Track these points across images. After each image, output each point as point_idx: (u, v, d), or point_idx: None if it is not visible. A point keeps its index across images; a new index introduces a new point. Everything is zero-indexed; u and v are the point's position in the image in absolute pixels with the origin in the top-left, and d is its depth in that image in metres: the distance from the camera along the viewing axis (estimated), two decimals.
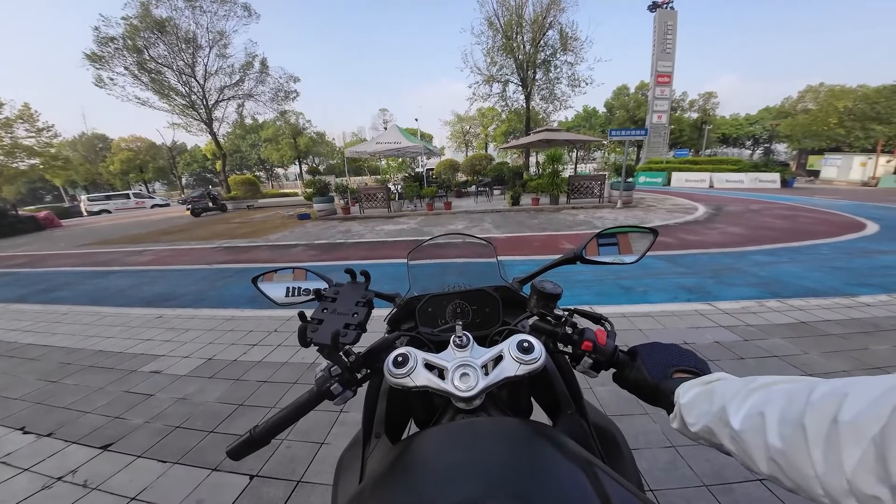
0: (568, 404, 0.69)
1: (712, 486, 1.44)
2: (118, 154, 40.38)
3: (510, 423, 0.49)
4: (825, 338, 2.63)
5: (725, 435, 0.37)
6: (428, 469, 0.42)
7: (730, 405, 0.37)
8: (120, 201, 28.63)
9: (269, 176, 50.12)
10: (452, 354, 0.57)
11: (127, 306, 4.31)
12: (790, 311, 3.12)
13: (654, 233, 0.82)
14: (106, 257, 8.07)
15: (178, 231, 12.03)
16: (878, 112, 22.84)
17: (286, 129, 38.75)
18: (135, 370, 2.71)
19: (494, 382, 0.52)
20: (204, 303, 4.25)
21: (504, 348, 0.55)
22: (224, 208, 18.25)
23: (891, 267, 4.50)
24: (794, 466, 0.28)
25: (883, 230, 6.90)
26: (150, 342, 3.20)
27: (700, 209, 10.53)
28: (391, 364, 0.54)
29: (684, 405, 0.44)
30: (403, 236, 8.22)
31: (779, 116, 35.62)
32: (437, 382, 0.52)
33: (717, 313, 3.09)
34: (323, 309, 0.66)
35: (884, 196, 13.75)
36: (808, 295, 3.53)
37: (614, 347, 0.60)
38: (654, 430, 1.77)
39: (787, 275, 4.27)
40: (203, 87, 21.39)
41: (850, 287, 3.76)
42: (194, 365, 2.72)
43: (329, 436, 1.87)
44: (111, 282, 5.80)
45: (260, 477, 1.63)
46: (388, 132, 14.60)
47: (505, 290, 0.86)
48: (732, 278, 4.20)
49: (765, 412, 0.32)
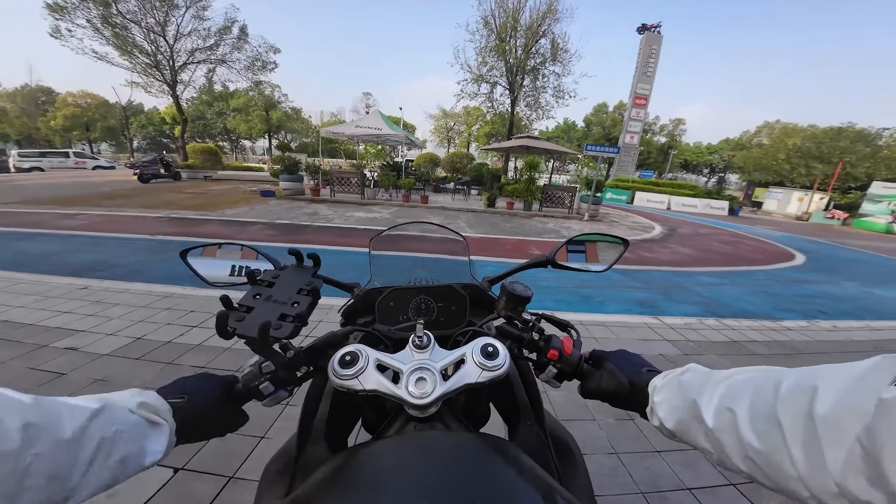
0: (527, 414, 0.66)
1: (648, 494, 1.50)
2: (63, 109, 36.03)
3: (465, 439, 0.46)
4: (752, 357, 2.88)
5: (700, 432, 0.35)
6: (368, 486, 0.37)
7: (700, 399, 0.35)
8: (57, 159, 25.40)
9: (234, 147, 46.98)
10: (410, 356, 0.51)
11: (47, 273, 3.80)
12: (725, 329, 3.38)
13: (625, 243, 0.81)
14: (30, 218, 7.10)
15: (121, 196, 10.88)
16: (821, 151, 25.59)
17: (259, 100, 36.39)
18: (46, 345, 2.38)
19: (453, 389, 0.48)
20: (139, 276, 3.84)
21: (467, 352, 0.51)
22: (178, 176, 16.76)
23: (811, 296, 5.05)
24: (773, 465, 0.27)
25: (808, 261, 7.75)
26: (70, 315, 2.84)
27: (657, 229, 11.25)
28: (337, 363, 0.48)
29: (657, 401, 0.42)
30: (375, 225, 8.00)
31: (736, 148, 38.97)
32: (388, 387, 0.47)
33: (664, 327, 3.28)
34: (255, 295, 0.57)
35: (813, 230, 15.50)
36: (742, 316, 3.86)
37: (580, 357, 0.58)
38: (600, 436, 1.83)
39: (726, 296, 4.65)
40: (171, 48, 19.45)
41: (777, 312, 4.16)
42: (120, 344, 2.44)
43: (271, 430, 1.76)
44: (32, 246, 5.10)
45: (186, 470, 1.48)
46: (370, 117, 14.14)
47: (474, 288, 0.82)
48: (679, 296, 4.50)
49: (734, 408, 0.31)
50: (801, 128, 28.92)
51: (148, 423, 0.38)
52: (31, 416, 0.28)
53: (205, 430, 0.48)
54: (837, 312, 4.31)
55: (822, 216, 21.32)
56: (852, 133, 25.35)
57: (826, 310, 4.40)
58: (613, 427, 1.90)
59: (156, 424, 0.39)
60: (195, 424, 0.46)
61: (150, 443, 0.38)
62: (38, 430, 0.28)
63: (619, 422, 1.93)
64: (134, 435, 0.36)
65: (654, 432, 1.82)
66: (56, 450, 0.29)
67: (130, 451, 0.35)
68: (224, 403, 0.50)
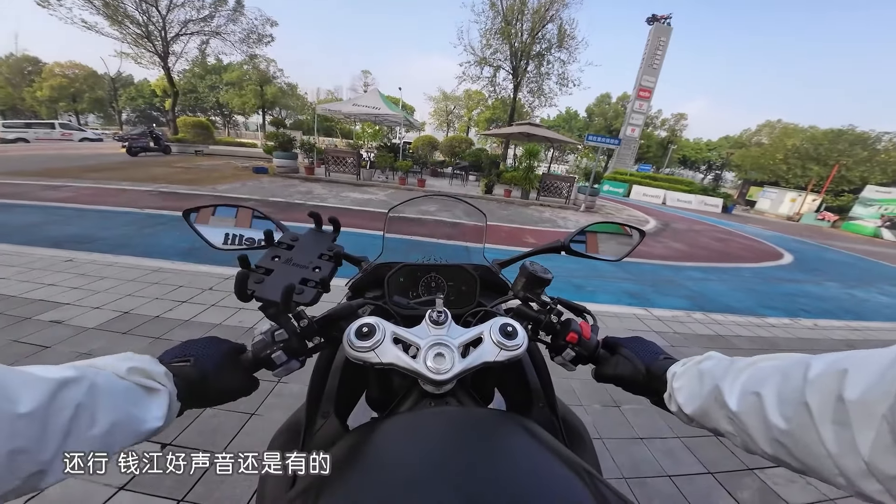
0: (539, 397, 0.66)
1: (630, 479, 1.55)
2: (49, 79, 34.49)
3: (494, 417, 0.44)
4: (735, 351, 2.95)
5: (722, 416, 0.36)
6: (402, 464, 0.35)
7: (723, 384, 0.36)
8: (42, 131, 24.44)
9: (226, 123, 45.63)
10: (427, 331, 0.51)
11: (30, 245, 3.70)
12: (711, 323, 3.45)
13: (641, 233, 0.80)
14: (12, 189, 6.86)
15: (108, 169, 10.55)
16: (819, 153, 25.65)
17: (253, 74, 35.10)
18: (29, 318, 2.33)
19: (472, 366, 0.47)
20: (126, 249, 3.75)
21: (485, 331, 0.50)
22: (167, 150, 16.25)
23: (796, 294, 5.17)
24: (803, 446, 0.28)
25: (795, 261, 7.90)
26: (54, 287, 2.78)
27: (651, 223, 11.32)
28: (353, 335, 0.47)
29: (677, 388, 0.43)
30: (370, 206, 7.91)
31: (736, 146, 38.94)
32: (406, 361, 0.46)
33: (652, 319, 3.33)
34: (273, 257, 0.54)
35: (803, 231, 15.75)
36: (728, 311, 3.94)
37: (597, 342, 0.58)
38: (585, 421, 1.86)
39: (713, 292, 4.73)
40: (164, 18, 18.47)
41: (762, 308, 4.25)
42: (106, 318, 2.40)
43: (262, 407, 1.74)
44: (14, 217, 4.94)
45: (173, 446, 1.48)
46: (368, 95, 13.78)
47: (485, 270, 0.82)
48: (668, 289, 4.57)
49: (761, 392, 0.32)
50: (802, 128, 28.85)
51: (141, 389, 0.36)
52: None
53: (211, 395, 0.46)
54: (819, 311, 4.42)
55: (812, 217, 21.59)
56: (851, 136, 25.40)
57: (808, 308, 4.50)
58: (599, 413, 1.95)
59: (151, 390, 0.37)
60: (200, 389, 0.43)
61: (145, 409, 0.36)
62: None
63: (605, 408, 1.98)
64: (123, 401, 0.34)
65: (638, 419, 1.90)
66: (11, 422, 0.26)
67: (119, 419, 0.33)
68: (231, 369, 0.48)
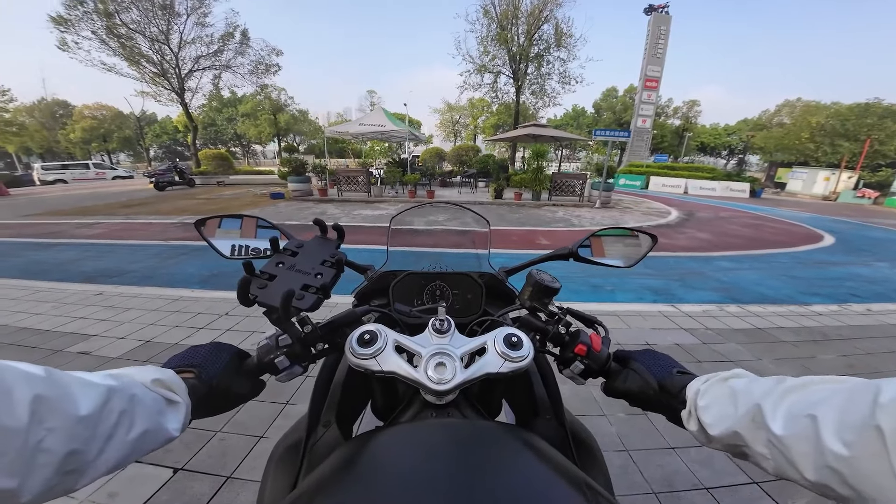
0: (546, 410, 0.63)
1: (661, 493, 1.41)
2: (80, 122, 37.47)
3: (495, 430, 0.43)
4: (778, 345, 2.70)
5: (758, 439, 0.34)
6: (396, 475, 0.34)
7: (764, 404, 0.34)
8: (78, 171, 26.50)
9: (245, 152, 47.87)
10: (429, 339, 0.50)
11: (65, 281, 3.92)
12: (748, 316, 3.20)
13: (652, 238, 0.78)
14: (51, 229, 7.39)
15: (138, 205, 11.22)
16: (847, 129, 24.24)
17: (266, 104, 36.85)
18: (61, 350, 2.46)
19: (474, 377, 0.46)
20: (151, 281, 3.92)
21: (489, 341, 0.49)
22: (192, 183, 17.18)
23: (842, 278, 4.75)
24: (863, 474, 0.26)
25: (838, 243, 7.32)
26: (84, 321, 2.92)
27: (673, 214, 10.85)
28: (355, 342, 0.47)
29: (702, 406, 0.40)
30: (381, 222, 7.99)
31: (755, 128, 37.26)
32: (407, 370, 0.46)
33: (680, 315, 3.13)
34: (278, 263, 0.55)
35: (841, 210, 14.70)
36: (766, 302, 3.65)
37: (608, 355, 0.56)
38: (610, 432, 1.74)
39: (747, 281, 4.42)
40: (177, 56, 19.80)
41: (804, 296, 3.93)
42: (129, 347, 2.49)
43: (270, 429, 1.73)
44: (52, 255, 5.29)
45: (185, 471, 1.50)
46: (373, 114, 14.10)
47: (491, 277, 0.80)
48: (696, 282, 4.30)
49: (816, 415, 0.29)
50: (825, 105, 27.37)
51: (164, 401, 0.38)
52: (43, 389, 0.27)
53: (217, 404, 0.47)
54: (871, 295, 4.04)
55: (851, 196, 20.20)
56: (880, 109, 23.85)
57: (858, 292, 4.12)
58: (624, 422, 1.80)
59: (172, 402, 0.39)
60: (207, 400, 0.45)
61: (167, 419, 0.38)
62: (51, 403, 0.27)
63: (631, 417, 1.83)
64: (152, 410, 0.36)
65: (668, 427, 1.73)
66: (73, 425, 0.28)
67: (149, 427, 0.35)
68: (235, 376, 0.49)
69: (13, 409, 0.25)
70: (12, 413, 0.25)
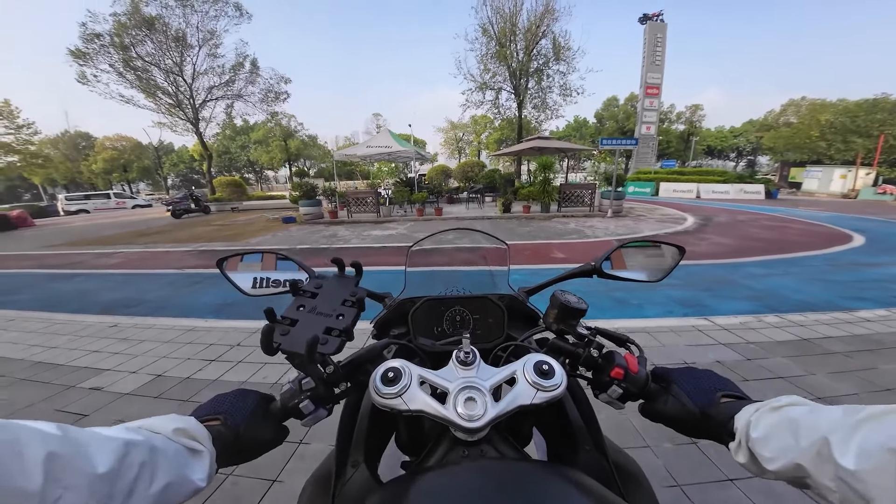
0: (585, 439, 0.59)
1: None
2: (102, 153, 39.40)
3: (538, 470, 0.41)
4: (829, 356, 2.47)
5: (826, 473, 0.31)
6: None
7: (832, 437, 0.32)
8: (100, 201, 27.74)
9: (258, 178, 49.38)
10: (454, 373, 0.48)
11: (81, 313, 3.93)
12: (790, 326, 2.97)
13: (680, 250, 0.73)
14: (72, 259, 7.59)
15: (156, 233, 11.52)
16: (858, 125, 23.77)
17: (277, 131, 38.25)
18: (73, 386, 2.41)
19: (506, 412, 0.43)
20: (165, 311, 3.89)
21: (518, 370, 0.47)
22: (207, 210, 17.68)
23: (882, 280, 4.45)
24: None
25: (869, 242, 6.95)
26: (98, 354, 2.88)
27: (689, 219, 10.57)
28: (379, 380, 0.45)
29: (756, 439, 0.37)
30: (391, 242, 7.97)
31: (762, 129, 36.82)
32: (436, 408, 0.43)
33: (716, 329, 2.92)
34: (298, 306, 0.54)
35: (863, 208, 14.13)
36: (806, 309, 3.42)
37: (646, 375, 0.52)
38: (656, 465, 1.56)
39: (781, 288, 4.16)
40: (191, 87, 20.84)
41: (847, 301, 3.66)
42: (141, 382, 2.42)
43: (283, 472, 1.61)
44: (71, 286, 5.38)
45: None
46: (379, 136, 14.40)
47: (511, 299, 0.78)
48: (727, 291, 4.07)
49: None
50: (831, 103, 27.04)
51: (187, 451, 0.37)
52: (57, 447, 0.26)
53: (245, 451, 0.46)
54: None
55: (871, 192, 19.56)
56: (889, 104, 23.40)
57: None
58: (672, 453, 1.62)
59: (195, 452, 0.37)
60: (235, 446, 0.44)
61: (192, 470, 0.36)
62: (66, 461, 0.26)
63: (679, 447, 1.64)
64: (175, 462, 0.35)
65: (723, 457, 1.55)
66: (91, 482, 0.27)
67: (173, 479, 0.33)
68: (261, 421, 0.48)
69: (26, 470, 0.24)
70: (26, 474, 0.24)
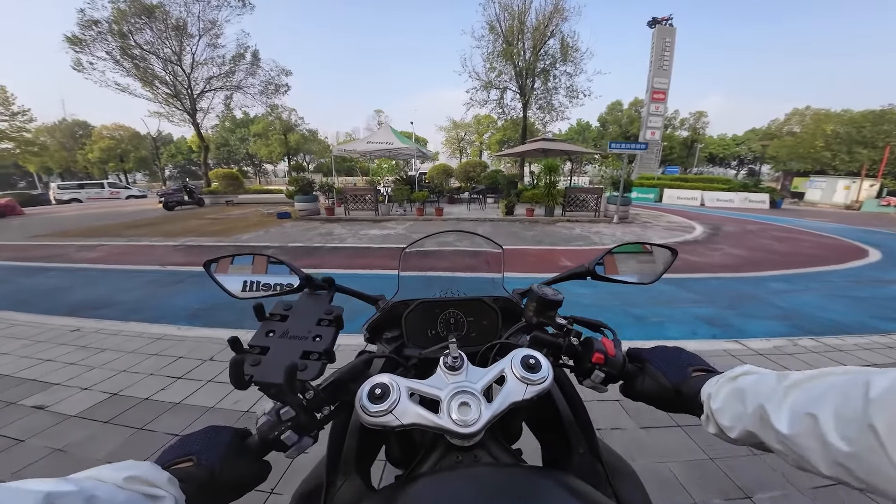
0: (579, 441, 0.57)
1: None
2: (98, 142, 38.71)
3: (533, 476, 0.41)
4: None
5: (770, 437, 0.34)
6: None
7: (768, 405, 0.33)
8: (93, 190, 27.20)
9: (256, 171, 48.81)
10: (444, 379, 0.47)
11: (45, 314, 3.58)
12: (829, 351, 2.68)
13: (673, 252, 0.72)
14: (53, 251, 7.20)
15: (145, 225, 11.12)
16: (863, 136, 23.66)
17: (277, 124, 37.74)
18: (14, 403, 2.09)
19: (500, 411, 0.43)
20: (137, 314, 3.54)
21: (506, 367, 0.47)
22: (201, 203, 17.26)
23: None
24: (870, 469, 0.27)
25: (886, 257, 6.68)
26: (51, 364, 2.54)
27: (698, 228, 10.29)
28: (367, 398, 0.43)
29: (716, 409, 0.40)
30: (389, 242, 7.62)
31: (765, 138, 36.75)
32: (430, 418, 0.42)
33: (749, 353, 2.61)
34: (267, 332, 0.51)
35: (869, 220, 13.93)
36: (838, 330, 3.14)
37: (623, 357, 0.54)
38: None
39: (807, 305, 3.87)
40: (189, 77, 20.34)
41: (881, 322, 3.38)
42: (93, 401, 2.09)
43: (280, 483, 1.45)
44: (43, 281, 5.01)
45: None
46: (380, 132, 14.06)
47: (505, 301, 0.77)
48: (751, 309, 3.76)
49: (816, 414, 0.30)
50: (836, 113, 26.95)
51: (144, 498, 0.33)
52: None
53: (224, 492, 0.42)
54: None
55: (874, 204, 19.40)
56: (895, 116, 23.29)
57: None
58: None
59: (155, 498, 0.34)
60: (211, 488, 0.40)
61: None
62: None
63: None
64: None
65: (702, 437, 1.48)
66: None
67: None
68: (239, 459, 0.43)
69: None
70: None
